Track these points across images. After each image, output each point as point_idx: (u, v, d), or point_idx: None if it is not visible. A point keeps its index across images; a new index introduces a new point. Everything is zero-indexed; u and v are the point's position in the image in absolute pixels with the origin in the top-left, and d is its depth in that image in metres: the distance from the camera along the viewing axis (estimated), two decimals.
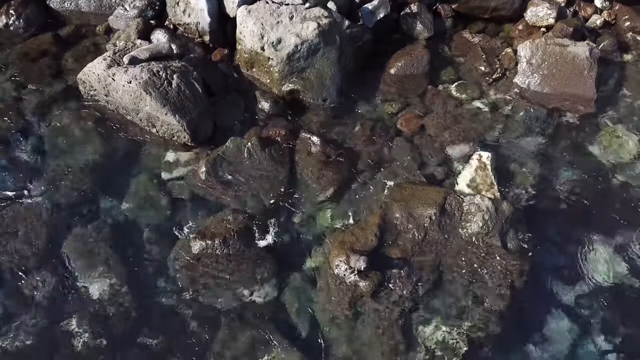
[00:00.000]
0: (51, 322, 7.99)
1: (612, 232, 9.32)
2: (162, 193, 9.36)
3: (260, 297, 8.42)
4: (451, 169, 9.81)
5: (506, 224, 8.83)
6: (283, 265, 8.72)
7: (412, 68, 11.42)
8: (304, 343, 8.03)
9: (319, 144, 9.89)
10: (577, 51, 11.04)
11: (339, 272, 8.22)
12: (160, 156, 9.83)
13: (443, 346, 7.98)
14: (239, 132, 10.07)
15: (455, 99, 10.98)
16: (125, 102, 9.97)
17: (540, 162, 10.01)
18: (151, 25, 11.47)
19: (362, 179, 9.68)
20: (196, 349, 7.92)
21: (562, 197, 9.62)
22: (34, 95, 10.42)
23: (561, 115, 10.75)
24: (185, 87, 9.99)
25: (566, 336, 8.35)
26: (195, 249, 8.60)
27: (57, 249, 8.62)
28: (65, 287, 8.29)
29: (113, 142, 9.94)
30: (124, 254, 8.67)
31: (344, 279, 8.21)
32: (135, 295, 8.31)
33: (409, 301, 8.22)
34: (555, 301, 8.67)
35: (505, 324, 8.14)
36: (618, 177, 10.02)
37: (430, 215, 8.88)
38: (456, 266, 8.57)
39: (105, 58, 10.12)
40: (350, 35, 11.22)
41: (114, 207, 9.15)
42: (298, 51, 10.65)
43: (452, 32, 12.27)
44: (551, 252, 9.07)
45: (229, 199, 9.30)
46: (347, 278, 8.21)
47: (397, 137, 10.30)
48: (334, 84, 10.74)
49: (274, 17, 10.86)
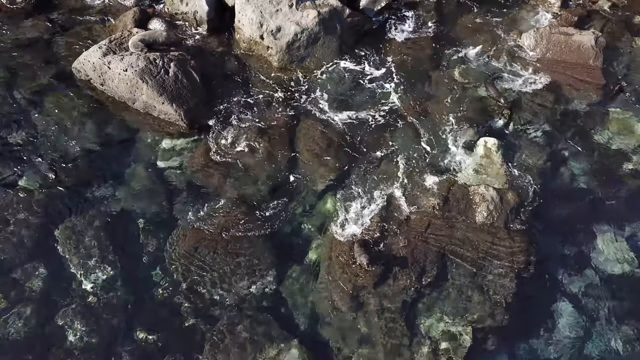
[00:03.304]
0: (44, 313, 7.79)
1: (621, 221, 9.16)
2: (158, 182, 9.16)
3: (260, 289, 8.22)
4: (456, 155, 9.60)
5: (512, 213, 8.66)
6: (283, 256, 8.52)
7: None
8: (305, 335, 7.84)
9: (319, 131, 9.72)
10: (582, 40, 10.88)
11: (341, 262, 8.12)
12: (157, 144, 9.64)
13: (448, 337, 7.80)
14: (237, 120, 9.87)
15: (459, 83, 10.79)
16: (122, 91, 9.79)
17: (547, 149, 9.82)
18: (148, 14, 11.27)
19: (364, 166, 9.47)
20: (193, 341, 7.72)
21: (569, 186, 9.45)
22: (27, 83, 10.22)
23: (568, 102, 10.57)
24: (183, 76, 9.82)
25: (572, 327, 8.20)
26: (192, 239, 8.41)
27: (50, 239, 8.41)
28: (59, 278, 8.09)
29: (108, 130, 9.73)
30: (118, 244, 8.46)
31: (346, 269, 8.09)
32: (130, 286, 8.11)
33: (413, 292, 8.03)
34: (562, 292, 8.50)
35: (511, 315, 7.98)
36: (626, 164, 9.86)
37: (434, 205, 8.74)
38: (460, 257, 8.37)
39: (100, 46, 9.94)
40: (351, 24, 11.05)
41: (108, 196, 8.94)
42: (298, 40, 10.52)
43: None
44: (558, 242, 8.88)
45: (227, 187, 9.10)
46: (350, 268, 8.09)
47: (401, 123, 10.09)
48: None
49: (273, 5, 10.70)
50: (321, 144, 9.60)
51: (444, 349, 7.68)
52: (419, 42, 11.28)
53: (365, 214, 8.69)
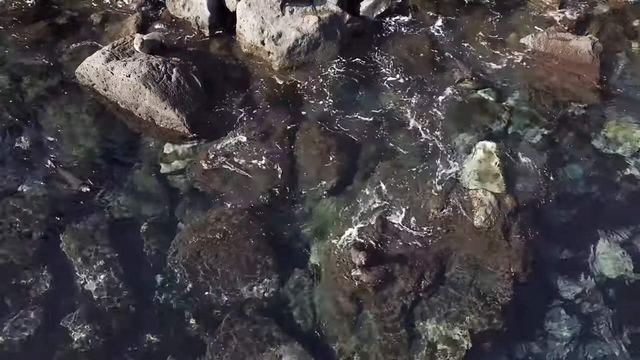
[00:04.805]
0: (48, 318, 7.88)
1: (618, 225, 9.24)
2: (160, 186, 9.26)
3: (261, 291, 8.32)
4: (455, 159, 9.70)
5: (509, 218, 8.75)
6: (284, 259, 8.61)
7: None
8: (306, 338, 7.93)
9: (320, 134, 9.80)
10: (579, 45, 10.98)
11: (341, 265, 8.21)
12: (159, 149, 9.74)
13: (446, 340, 7.88)
14: (238, 124, 9.97)
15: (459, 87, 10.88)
16: (125, 96, 9.88)
17: (545, 153, 9.91)
18: (150, 19, 11.36)
19: (364, 170, 9.56)
20: (196, 343, 7.82)
21: (567, 190, 9.50)
22: (31, 88, 10.30)
23: (566, 106, 10.65)
24: (185, 81, 9.93)
25: (569, 332, 8.26)
26: (195, 243, 8.49)
27: (54, 243, 8.50)
28: (63, 282, 8.18)
29: (111, 135, 9.83)
30: (122, 248, 8.55)
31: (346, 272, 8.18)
32: (133, 290, 8.20)
33: (412, 295, 8.12)
34: (559, 296, 8.58)
35: (508, 319, 8.05)
36: (624, 169, 9.91)
37: (433, 208, 8.80)
38: (459, 260, 8.47)
39: (104, 52, 10.05)
40: (351, 29, 11.15)
41: (112, 200, 9.03)
42: (298, 45, 10.63)
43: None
44: (555, 247, 8.97)
45: (228, 192, 9.20)
46: (349, 271, 8.17)
47: (401, 127, 10.20)
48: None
49: (274, 11, 10.81)
50: (321, 147, 9.69)
51: (442, 352, 7.76)
52: (418, 46, 11.38)
53: (365, 217, 8.78)
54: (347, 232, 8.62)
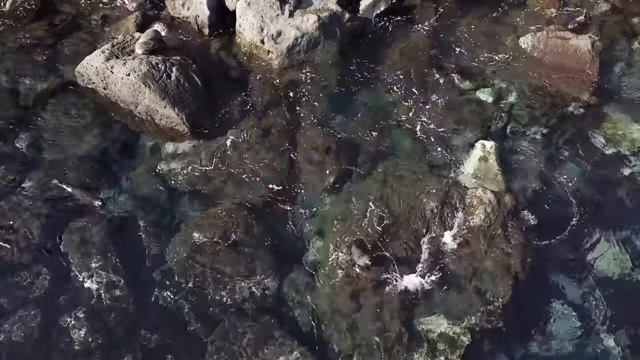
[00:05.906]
0: (48, 317, 7.88)
1: (618, 224, 9.22)
2: (160, 185, 9.26)
3: (261, 291, 8.32)
4: (454, 158, 9.70)
5: (509, 216, 8.76)
6: (283, 258, 8.63)
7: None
8: (305, 337, 7.94)
9: (320, 134, 9.80)
10: (579, 44, 10.97)
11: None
12: (159, 148, 9.74)
13: (445, 339, 7.89)
14: (238, 123, 9.99)
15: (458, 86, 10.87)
16: (124, 95, 9.89)
17: (545, 152, 9.91)
18: (150, 18, 11.36)
19: (363, 169, 9.56)
20: (195, 343, 7.82)
21: (567, 189, 9.47)
22: (31, 87, 10.32)
23: (566, 105, 10.63)
24: (185, 80, 9.93)
25: (568, 331, 8.26)
26: (195, 242, 8.51)
27: (54, 242, 8.51)
28: (62, 281, 8.19)
29: (111, 134, 9.84)
30: (121, 247, 8.56)
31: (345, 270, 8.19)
32: (133, 289, 8.20)
33: (411, 294, 8.13)
34: (558, 295, 8.57)
35: (508, 318, 8.06)
36: (623, 168, 9.91)
37: (432, 207, 8.84)
38: (458, 259, 8.48)
39: (103, 51, 10.05)
40: (350, 28, 11.15)
41: (111, 199, 9.04)
42: (298, 44, 10.63)
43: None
44: (555, 245, 8.91)
45: (228, 191, 9.21)
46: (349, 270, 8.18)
47: (400, 126, 10.20)
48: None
49: (274, 10, 10.81)
50: (321, 147, 9.70)
51: (442, 352, 7.77)
52: (417, 45, 11.35)
53: (364, 216, 8.78)
54: (347, 232, 8.60)
